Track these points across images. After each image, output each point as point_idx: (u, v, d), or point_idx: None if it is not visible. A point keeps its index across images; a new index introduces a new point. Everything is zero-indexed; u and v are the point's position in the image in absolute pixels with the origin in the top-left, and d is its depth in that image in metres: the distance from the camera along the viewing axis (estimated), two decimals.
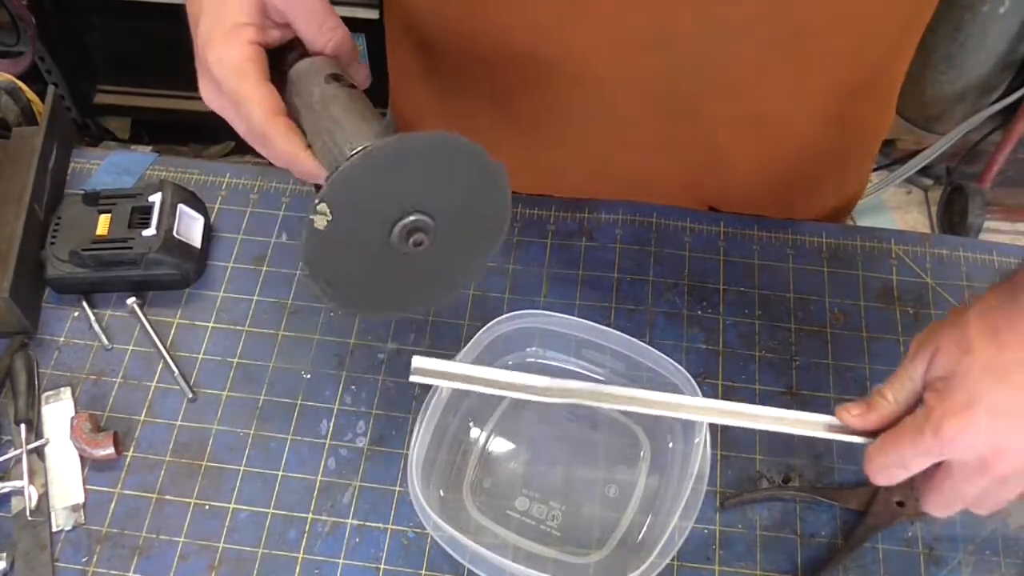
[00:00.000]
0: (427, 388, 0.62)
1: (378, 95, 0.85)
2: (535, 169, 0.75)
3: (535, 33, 0.61)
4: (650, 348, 0.62)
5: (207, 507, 0.63)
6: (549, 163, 0.74)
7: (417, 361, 0.54)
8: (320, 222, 0.42)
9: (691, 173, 0.73)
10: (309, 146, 0.48)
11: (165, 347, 0.69)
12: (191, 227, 0.72)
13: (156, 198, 0.70)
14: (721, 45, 0.59)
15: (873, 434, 0.51)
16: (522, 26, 0.61)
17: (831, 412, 0.66)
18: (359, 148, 0.43)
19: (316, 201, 0.41)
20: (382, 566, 0.61)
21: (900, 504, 0.61)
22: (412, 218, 0.45)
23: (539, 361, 0.67)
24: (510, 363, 0.67)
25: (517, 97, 0.68)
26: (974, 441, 0.46)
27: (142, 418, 0.66)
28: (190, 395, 0.67)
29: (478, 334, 0.62)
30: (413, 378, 0.54)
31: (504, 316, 0.63)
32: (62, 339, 0.69)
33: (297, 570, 0.61)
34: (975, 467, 0.46)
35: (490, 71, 0.66)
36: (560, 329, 0.64)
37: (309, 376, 0.68)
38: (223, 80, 0.50)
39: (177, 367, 0.68)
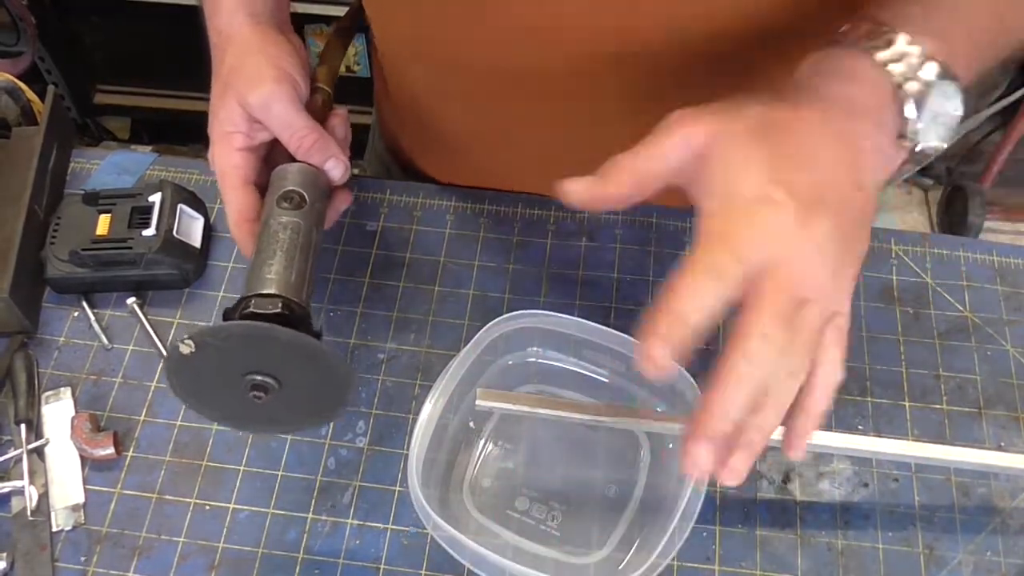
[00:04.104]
0: (426, 388, 0.62)
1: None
2: (508, 169, 0.76)
3: (500, 47, 0.61)
4: None
5: (207, 507, 0.63)
6: (523, 164, 0.74)
7: (481, 394, 0.57)
8: (185, 350, 0.49)
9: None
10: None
11: (165, 347, 0.69)
12: (191, 227, 0.72)
13: (156, 198, 0.70)
14: (688, 60, 0.59)
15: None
16: (487, 40, 0.61)
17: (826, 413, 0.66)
18: (247, 296, 0.52)
19: (186, 336, 0.48)
20: (382, 566, 0.61)
21: None
22: (258, 377, 0.51)
23: (539, 361, 0.67)
24: (510, 363, 0.67)
25: (488, 105, 0.68)
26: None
27: (142, 418, 0.66)
28: None
29: (478, 334, 0.62)
30: (480, 404, 0.57)
31: (504, 316, 0.63)
32: (62, 339, 0.69)
33: (297, 570, 0.61)
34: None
35: (460, 81, 0.66)
36: (560, 329, 0.64)
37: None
38: (216, 175, 0.59)
39: None
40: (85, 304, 0.70)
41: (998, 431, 0.66)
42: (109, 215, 0.70)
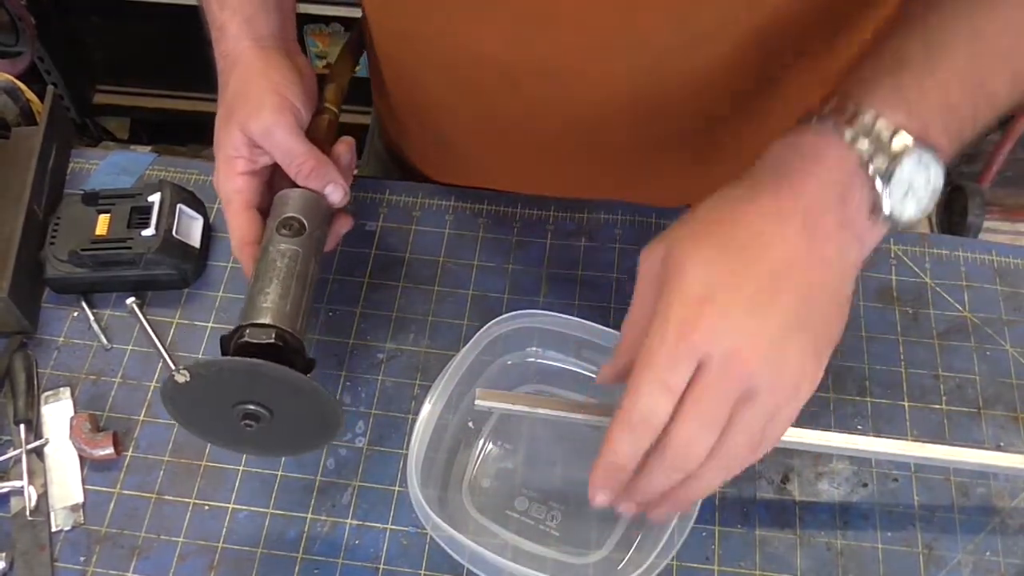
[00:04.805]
0: (425, 388, 0.62)
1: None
2: (514, 168, 0.76)
3: (504, 38, 0.61)
4: None
5: (206, 507, 0.63)
6: (528, 163, 0.74)
7: (481, 394, 0.58)
8: (180, 379, 0.50)
9: (672, 175, 0.73)
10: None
11: (164, 347, 0.69)
12: (190, 227, 0.72)
13: (155, 198, 0.70)
14: (693, 48, 0.59)
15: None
16: (491, 32, 0.61)
17: (824, 411, 0.66)
18: (242, 325, 0.53)
19: (182, 366, 0.50)
20: (381, 566, 0.61)
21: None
22: (249, 407, 0.52)
23: (539, 361, 0.67)
24: (509, 363, 0.67)
25: (491, 99, 0.67)
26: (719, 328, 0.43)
27: (141, 418, 0.66)
28: None
29: (477, 334, 0.62)
30: (479, 404, 0.58)
31: (503, 316, 0.63)
32: (61, 339, 0.69)
33: (296, 570, 0.61)
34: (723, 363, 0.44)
35: (462, 74, 0.66)
36: (559, 329, 0.64)
37: (308, 376, 0.67)
38: (219, 198, 0.60)
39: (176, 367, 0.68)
40: (84, 304, 0.70)
41: (997, 431, 0.66)
42: (108, 215, 0.70)
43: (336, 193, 0.59)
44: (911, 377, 0.68)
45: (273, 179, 0.61)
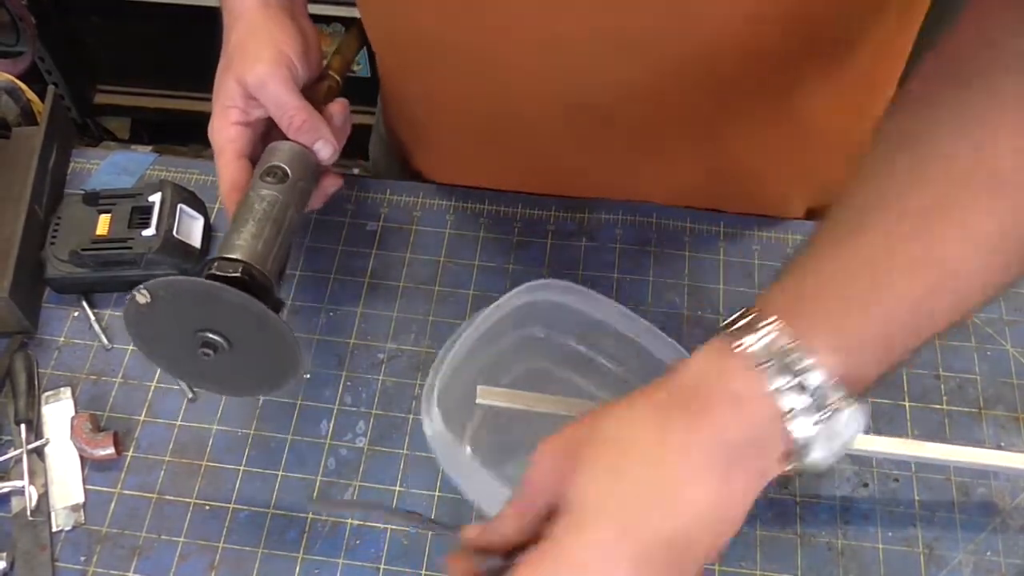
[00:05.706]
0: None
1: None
2: (503, 170, 0.76)
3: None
4: (676, 345, 0.60)
5: (207, 507, 0.63)
6: (519, 166, 0.75)
7: (481, 392, 0.59)
8: (141, 300, 0.51)
9: (617, 175, 0.73)
10: None
11: None
12: (191, 227, 0.72)
13: (156, 198, 0.70)
14: (620, 56, 0.58)
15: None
16: (479, 29, 0.60)
17: None
18: (212, 259, 0.54)
19: (142, 286, 0.50)
20: (381, 566, 0.61)
21: None
22: (209, 335, 0.52)
23: (556, 341, 0.66)
24: (541, 336, 0.66)
25: (482, 100, 0.68)
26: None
27: (142, 418, 0.66)
28: (190, 395, 0.67)
29: (508, 294, 0.62)
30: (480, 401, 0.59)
31: (536, 283, 0.62)
32: (62, 339, 0.69)
33: (297, 570, 0.61)
34: None
35: (452, 78, 0.67)
36: (595, 313, 0.63)
37: (309, 376, 0.68)
38: (212, 146, 0.60)
39: None
40: (85, 304, 0.70)
41: (998, 431, 0.66)
42: (109, 215, 0.70)
43: (325, 149, 0.60)
44: (912, 377, 0.68)
45: (268, 135, 0.62)
